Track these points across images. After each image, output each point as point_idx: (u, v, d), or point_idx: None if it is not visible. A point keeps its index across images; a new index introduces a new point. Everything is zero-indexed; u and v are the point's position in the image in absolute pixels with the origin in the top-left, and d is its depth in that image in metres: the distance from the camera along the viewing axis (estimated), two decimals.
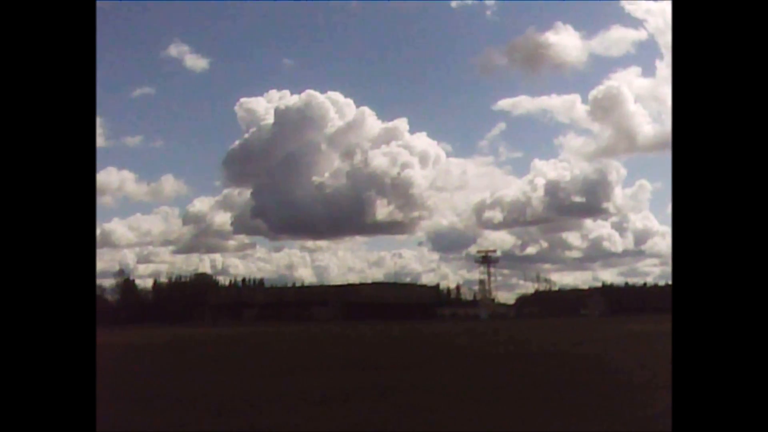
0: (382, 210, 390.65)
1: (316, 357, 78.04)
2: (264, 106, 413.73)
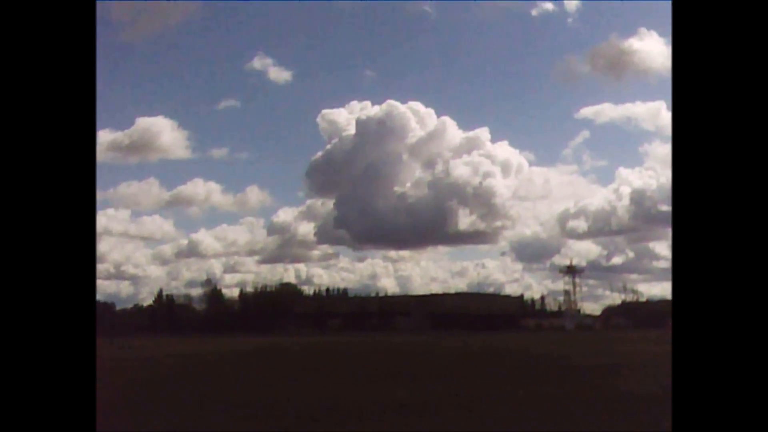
0: (465, 220, 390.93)
1: (401, 365, 79.17)
2: (345, 117, 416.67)
